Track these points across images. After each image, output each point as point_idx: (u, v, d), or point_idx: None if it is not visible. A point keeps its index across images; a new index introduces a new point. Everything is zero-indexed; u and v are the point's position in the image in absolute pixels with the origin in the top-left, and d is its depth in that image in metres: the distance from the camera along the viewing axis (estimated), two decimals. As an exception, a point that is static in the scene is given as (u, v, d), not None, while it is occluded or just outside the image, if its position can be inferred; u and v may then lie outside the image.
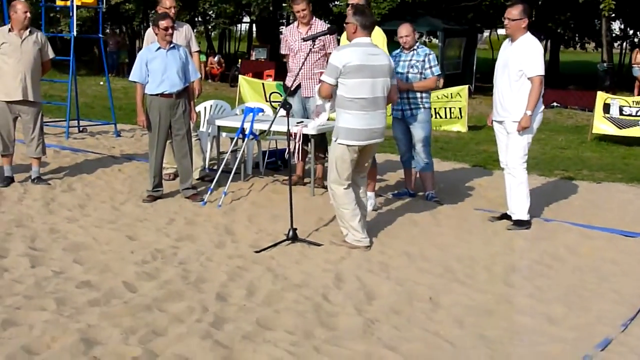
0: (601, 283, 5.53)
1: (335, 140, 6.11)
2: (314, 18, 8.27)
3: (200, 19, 29.01)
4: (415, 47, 7.80)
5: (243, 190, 8.14)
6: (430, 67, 7.73)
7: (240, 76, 18.16)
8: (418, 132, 7.82)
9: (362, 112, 5.98)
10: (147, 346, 4.07)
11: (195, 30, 15.77)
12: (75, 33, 11.27)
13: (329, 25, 8.24)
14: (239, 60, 27.96)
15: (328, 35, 7.64)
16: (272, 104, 16.01)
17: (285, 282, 5.26)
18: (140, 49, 32.60)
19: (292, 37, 8.28)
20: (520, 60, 6.76)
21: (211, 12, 23.99)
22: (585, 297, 5.20)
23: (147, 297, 4.81)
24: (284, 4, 27.87)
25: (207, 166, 8.89)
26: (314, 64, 8.07)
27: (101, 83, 23.19)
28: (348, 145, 6.02)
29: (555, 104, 21.01)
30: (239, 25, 43.04)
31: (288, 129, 6.46)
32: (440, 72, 7.90)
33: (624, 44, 43.72)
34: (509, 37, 7.01)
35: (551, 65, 37.54)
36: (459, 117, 15.32)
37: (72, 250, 5.86)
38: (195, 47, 8.56)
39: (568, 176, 10.22)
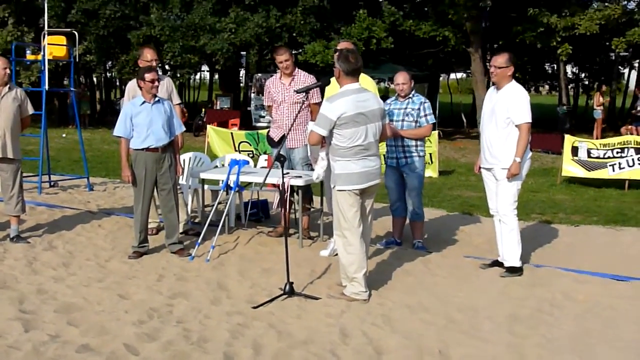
0: (604, 330, 5.52)
1: (334, 187, 6.08)
2: (297, 69, 8.27)
3: (166, 68, 28.97)
4: (410, 95, 7.84)
5: (229, 244, 8.02)
6: (426, 115, 7.78)
7: (208, 126, 18.09)
8: (412, 181, 7.84)
9: (357, 157, 5.97)
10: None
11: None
12: (47, 87, 11.11)
13: (312, 76, 8.27)
14: (202, 110, 27.88)
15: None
16: (242, 153, 15.93)
17: (290, 339, 5.14)
18: (101, 100, 32.49)
19: (275, 88, 8.26)
20: (507, 107, 6.81)
21: (174, 62, 23.98)
22: (592, 345, 5.18)
23: (152, 360, 4.67)
24: (242, 52, 28.02)
25: (189, 219, 8.76)
26: (299, 115, 8.04)
27: (64, 135, 23.00)
28: (351, 190, 5.99)
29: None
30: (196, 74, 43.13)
31: (283, 181, 6.39)
32: (435, 121, 7.93)
33: (577, 87, 44.86)
34: (494, 84, 7.08)
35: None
36: (430, 162, 15.43)
37: (64, 311, 5.67)
38: (177, 100, 8.47)
39: (545, 220, 10.32)
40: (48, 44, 11.10)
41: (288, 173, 7.79)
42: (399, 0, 27.93)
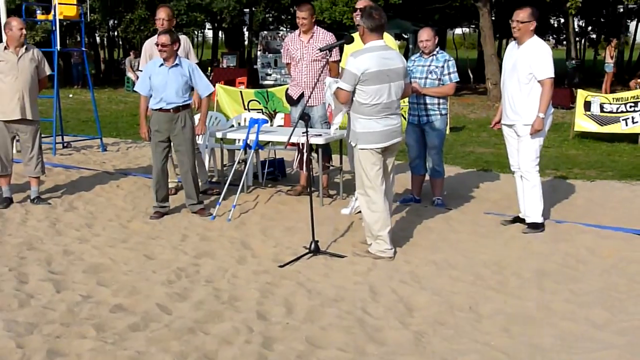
0: (631, 284, 5.54)
1: (355, 146, 6.06)
2: (315, 26, 8.19)
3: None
4: (435, 53, 7.77)
5: (249, 203, 8.03)
6: (449, 74, 7.71)
7: (217, 85, 17.95)
8: (433, 138, 7.81)
9: (379, 116, 5.96)
10: (203, 371, 3.97)
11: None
12: (59, 47, 11.04)
13: (331, 34, 8.19)
14: (209, 69, 27.74)
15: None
16: (251, 112, 15.87)
17: (320, 297, 5.17)
18: (105, 59, 32.29)
19: (293, 45, 8.19)
20: (529, 63, 6.74)
21: (180, 20, 23.74)
22: (621, 300, 5.20)
23: (186, 320, 4.70)
24: (245, 10, 27.80)
25: (207, 179, 8.76)
26: (318, 73, 7.99)
27: (70, 96, 22.91)
28: (372, 149, 5.98)
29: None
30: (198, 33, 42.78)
31: (308, 139, 6.36)
32: (458, 79, 7.87)
33: (583, 41, 44.52)
34: (515, 39, 7.00)
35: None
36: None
37: (92, 272, 5.72)
38: (193, 59, 8.41)
39: (561, 175, 10.30)
40: (58, 3, 10.97)
41: (307, 132, 7.75)
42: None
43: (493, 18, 26.14)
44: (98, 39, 39.81)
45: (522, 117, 6.85)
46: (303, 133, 6.76)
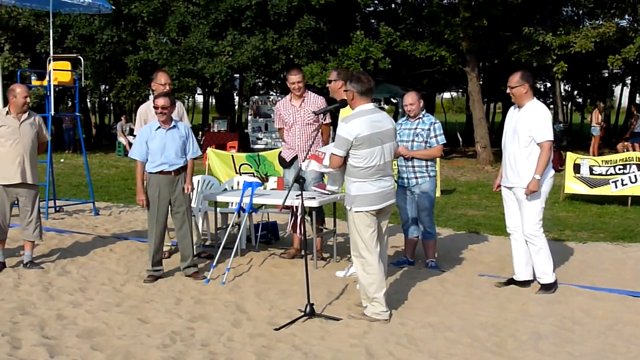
0: (629, 346, 5.53)
1: (350, 210, 6.09)
2: (306, 90, 8.31)
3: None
4: (420, 116, 7.88)
5: (243, 266, 8.02)
6: (436, 136, 7.82)
7: (209, 149, 18.06)
8: (423, 201, 7.86)
9: (373, 178, 6.01)
10: None
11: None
12: (53, 112, 11.12)
13: (322, 98, 8.32)
14: (200, 133, 27.92)
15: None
16: (243, 176, 15.92)
17: (317, 361, 5.14)
18: (96, 124, 32.44)
19: (285, 110, 8.29)
20: (528, 126, 6.81)
21: (173, 86, 24.03)
22: (619, 362, 5.19)
23: (183, 384, 4.65)
24: (235, 75, 28.12)
25: (201, 242, 8.75)
26: (311, 136, 8.09)
27: (62, 160, 22.95)
28: (367, 211, 6.01)
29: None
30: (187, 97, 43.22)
31: (302, 201, 6.39)
32: (445, 141, 7.97)
33: (570, 104, 45.15)
34: (515, 104, 7.07)
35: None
36: (432, 182, 15.39)
37: (86, 336, 5.66)
38: (187, 124, 8.49)
39: (553, 237, 10.31)
40: (53, 69, 11.10)
41: (302, 194, 7.79)
42: (395, 21, 28.15)
43: (481, 82, 26.53)
44: (89, 104, 40.08)
45: (522, 179, 6.88)
46: (297, 196, 6.81)
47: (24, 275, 7.62)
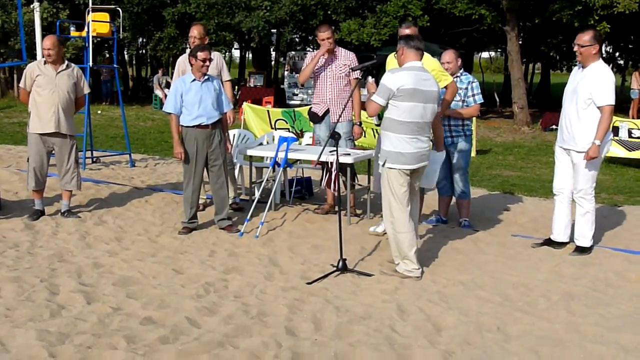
0: (661, 309, 5.51)
1: (383, 165, 6.09)
2: (336, 45, 8.29)
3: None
4: (458, 74, 7.81)
5: (276, 221, 8.08)
6: (474, 95, 7.76)
7: (245, 103, 18.10)
8: (458, 160, 7.84)
9: (411, 136, 6.00)
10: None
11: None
12: (91, 64, 11.20)
13: (352, 53, 8.32)
14: (236, 87, 27.94)
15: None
16: (278, 131, 15.96)
17: (348, 315, 5.19)
18: (133, 77, 32.52)
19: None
20: (590, 88, 6.61)
21: (210, 40, 23.97)
22: (651, 324, 5.17)
23: (216, 333, 4.73)
24: (273, 30, 27.99)
25: (236, 196, 8.82)
26: (342, 90, 8.10)
27: (99, 112, 23.13)
28: (400, 169, 6.02)
29: (554, 126, 21.14)
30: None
31: (337, 158, 6.39)
32: (482, 100, 7.90)
33: (611, 66, 44.28)
34: (579, 63, 6.89)
35: (543, 87, 37.94)
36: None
37: (122, 285, 5.77)
38: (227, 76, 8.52)
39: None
40: (92, 20, 11.14)
41: (337, 150, 7.80)
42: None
43: (520, 42, 26.11)
44: (127, 56, 40.20)
45: (577, 143, 6.74)
46: (331, 152, 6.81)
47: (62, 223, 7.75)
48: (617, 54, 44.12)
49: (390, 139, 6.06)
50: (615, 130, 14.21)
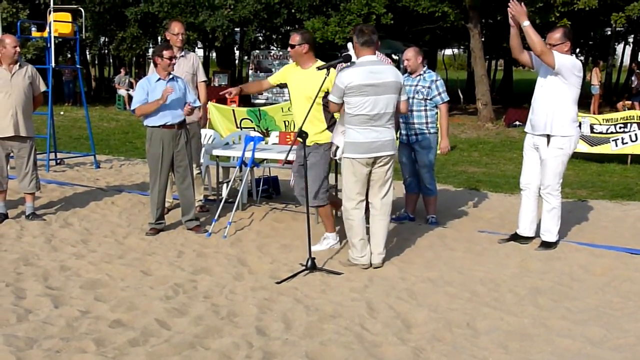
0: (626, 302, 5.59)
1: (343, 155, 6.26)
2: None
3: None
4: (421, 73, 7.85)
5: (244, 220, 8.07)
6: (439, 94, 7.81)
7: (210, 103, 17.96)
8: (423, 157, 7.89)
9: (362, 127, 6.14)
10: (203, 386, 3.98)
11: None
12: (53, 64, 11.07)
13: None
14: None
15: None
16: (243, 130, 15.90)
17: (318, 314, 5.19)
18: (95, 77, 32.05)
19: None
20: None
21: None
22: (616, 317, 5.25)
23: (186, 335, 4.71)
24: (236, 29, 27.90)
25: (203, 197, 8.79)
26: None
27: (61, 113, 22.88)
28: (353, 159, 6.17)
29: (517, 122, 21.38)
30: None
31: (304, 157, 6.40)
32: (448, 98, 7.96)
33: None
34: None
35: (506, 84, 38.26)
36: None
37: (89, 287, 5.72)
38: (202, 77, 8.48)
39: (552, 195, 10.35)
40: (54, 20, 11.01)
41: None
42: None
43: (483, 39, 26.32)
44: (89, 56, 39.78)
45: (551, 128, 6.78)
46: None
47: (27, 226, 7.66)
48: (577, 50, 44.65)
49: (347, 131, 6.23)
50: (578, 126, 14.39)
